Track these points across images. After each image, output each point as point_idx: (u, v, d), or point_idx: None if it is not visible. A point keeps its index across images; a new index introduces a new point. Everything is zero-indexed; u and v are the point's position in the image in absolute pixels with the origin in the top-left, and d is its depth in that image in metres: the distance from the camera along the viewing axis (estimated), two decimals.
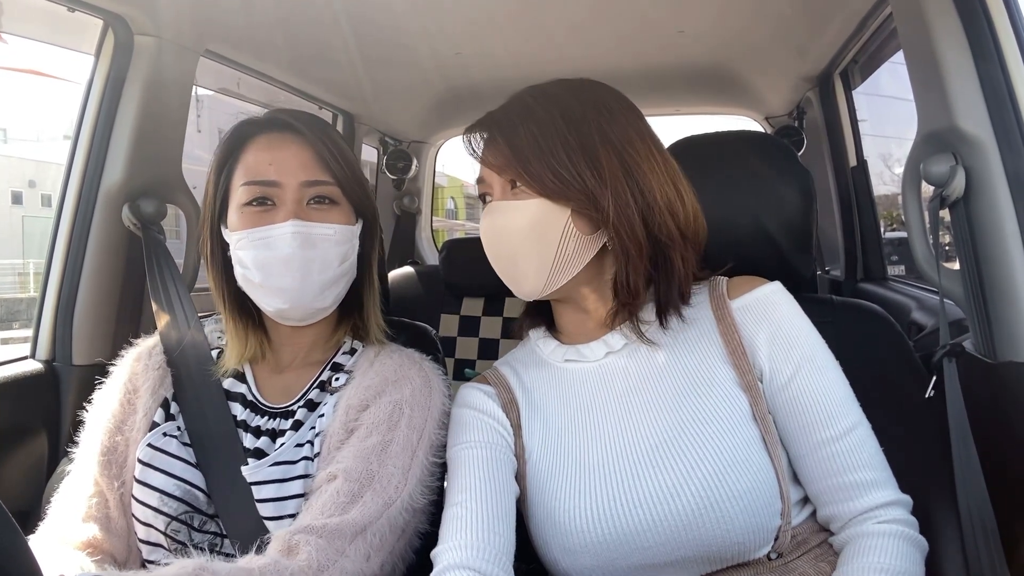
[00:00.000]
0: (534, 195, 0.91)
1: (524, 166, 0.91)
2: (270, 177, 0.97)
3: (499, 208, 0.94)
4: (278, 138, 1.00)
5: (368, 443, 0.93)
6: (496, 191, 0.96)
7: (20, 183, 19.44)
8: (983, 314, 1.01)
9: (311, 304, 0.99)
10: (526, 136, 0.92)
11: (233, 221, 0.99)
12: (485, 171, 0.97)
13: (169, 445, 0.99)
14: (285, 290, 0.96)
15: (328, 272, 0.98)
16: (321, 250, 0.97)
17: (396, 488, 0.92)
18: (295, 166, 0.98)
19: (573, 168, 0.90)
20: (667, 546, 0.84)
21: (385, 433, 0.94)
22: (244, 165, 0.99)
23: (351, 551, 0.86)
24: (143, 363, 1.07)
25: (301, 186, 0.98)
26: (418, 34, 1.71)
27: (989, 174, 0.99)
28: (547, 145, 0.91)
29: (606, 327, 0.98)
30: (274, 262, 0.96)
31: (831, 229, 2.36)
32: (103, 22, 1.37)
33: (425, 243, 3.05)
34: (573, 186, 0.90)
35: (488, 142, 0.96)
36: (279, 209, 0.97)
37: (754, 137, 1.34)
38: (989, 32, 1.00)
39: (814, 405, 0.89)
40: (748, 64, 2.12)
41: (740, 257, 1.02)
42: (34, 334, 1.43)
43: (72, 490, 1.00)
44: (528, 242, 0.92)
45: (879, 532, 0.84)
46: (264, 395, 1.04)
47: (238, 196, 0.98)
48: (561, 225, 0.91)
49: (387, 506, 0.90)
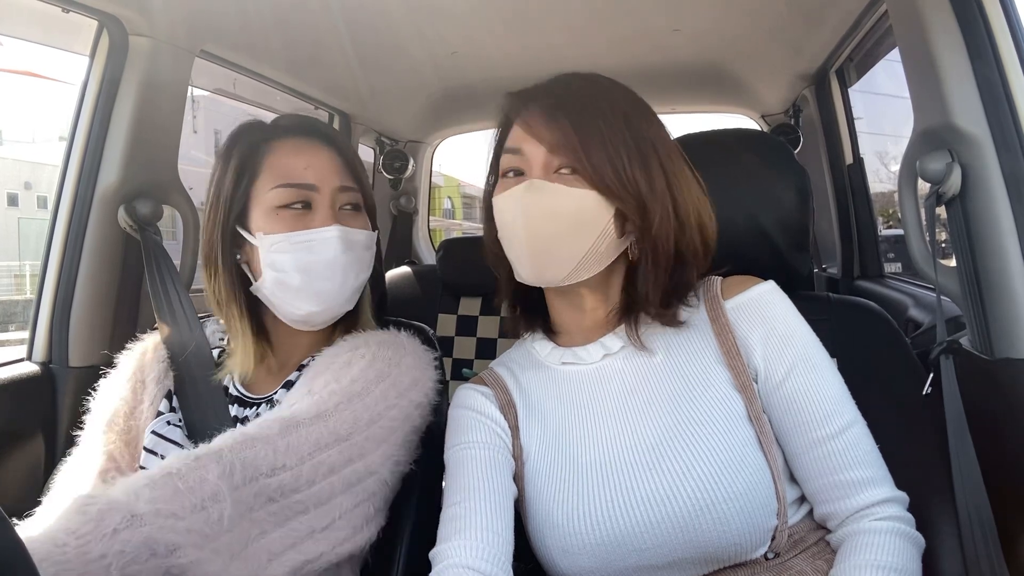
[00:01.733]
0: (586, 186, 0.90)
1: (588, 155, 0.89)
2: (308, 180, 0.98)
3: (546, 188, 0.90)
4: (310, 143, 1.01)
5: (344, 382, 0.93)
6: (537, 169, 0.91)
7: (16, 185, 19.40)
8: (980, 311, 1.01)
9: (340, 307, 1.01)
10: (592, 125, 0.90)
11: (263, 224, 0.98)
12: (530, 145, 0.92)
13: (173, 433, 1.00)
14: (323, 293, 0.98)
15: (361, 276, 1.03)
16: (358, 254, 1.01)
17: (364, 435, 0.90)
18: (329, 171, 1.00)
19: (630, 170, 0.90)
20: (664, 547, 0.84)
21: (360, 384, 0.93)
22: (274, 168, 0.99)
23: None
24: (149, 356, 1.09)
25: (336, 191, 1.00)
26: (414, 34, 1.71)
27: (985, 171, 0.99)
28: (611, 140, 0.90)
29: (602, 329, 0.98)
30: (318, 265, 0.97)
31: (827, 227, 2.37)
32: (98, 23, 1.37)
33: (422, 243, 3.05)
34: (627, 189, 0.89)
35: (548, 118, 0.92)
36: (316, 213, 0.98)
37: (750, 135, 1.34)
38: (984, 29, 1.00)
39: (809, 404, 0.89)
40: (744, 62, 2.12)
41: (737, 255, 1.02)
42: (30, 336, 1.42)
43: (82, 468, 1.01)
44: (570, 229, 0.90)
45: (876, 529, 0.84)
46: (249, 389, 1.05)
47: (269, 198, 0.98)
48: (603, 222, 0.90)
49: (344, 439, 0.88)
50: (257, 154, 1.00)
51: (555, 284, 0.93)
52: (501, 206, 0.94)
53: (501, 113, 0.99)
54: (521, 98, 0.96)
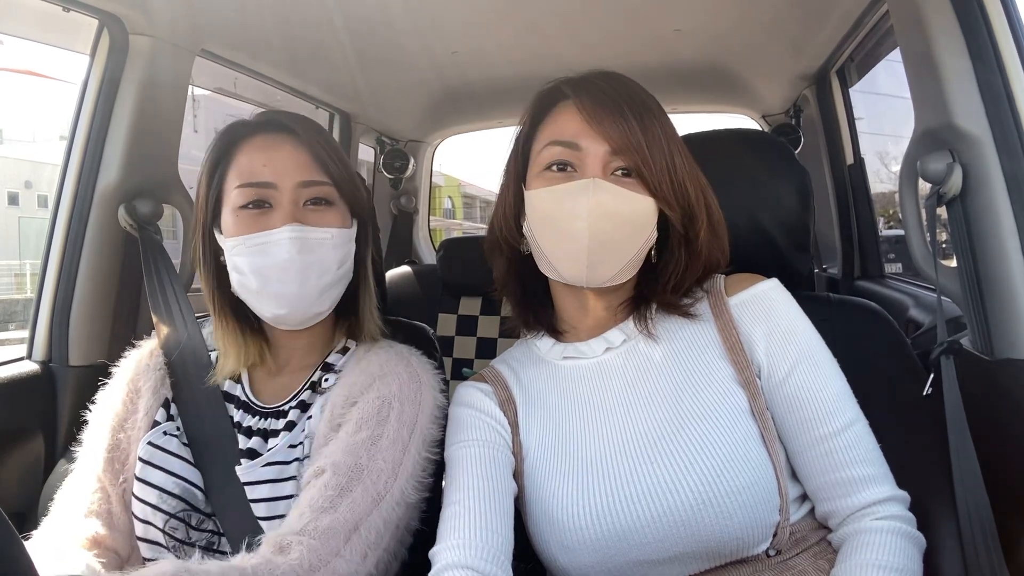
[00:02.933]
0: (643, 191, 0.90)
1: (654, 161, 0.88)
2: (265, 178, 0.95)
3: (610, 189, 0.88)
4: (273, 139, 0.98)
5: (357, 438, 0.93)
6: (595, 167, 0.89)
7: (16, 184, 19.39)
8: (980, 311, 1.01)
9: (309, 309, 0.98)
10: (653, 130, 0.89)
11: (228, 226, 0.97)
12: (590, 141, 0.89)
13: (170, 444, 0.99)
14: (283, 296, 0.95)
15: (326, 276, 0.97)
16: (319, 254, 0.95)
17: (386, 483, 0.91)
18: (291, 167, 0.96)
19: (682, 180, 0.90)
20: (665, 542, 0.84)
21: (375, 428, 0.93)
22: (238, 167, 0.97)
23: (347, 551, 0.86)
24: (145, 364, 1.08)
25: (297, 187, 0.96)
26: (414, 34, 1.71)
27: (986, 171, 0.99)
28: (668, 147, 0.90)
29: (606, 324, 0.99)
30: (272, 268, 0.94)
31: (828, 227, 2.37)
32: (98, 22, 1.37)
33: (422, 243, 3.05)
34: (678, 199, 0.90)
35: (615, 114, 0.89)
36: (275, 212, 0.95)
37: (751, 135, 1.34)
38: (986, 29, 1.00)
39: (811, 401, 0.89)
40: (745, 62, 2.12)
41: (737, 255, 1.02)
42: (30, 335, 1.43)
43: (76, 487, 1.01)
44: (625, 233, 0.90)
45: (877, 529, 0.84)
46: (259, 396, 1.04)
47: (232, 199, 0.96)
48: (651, 228, 0.91)
49: (377, 501, 0.90)
50: (228, 154, 0.99)
51: (598, 285, 0.93)
52: (552, 201, 0.90)
53: (535, 100, 0.97)
54: (574, 88, 0.93)
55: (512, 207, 0.98)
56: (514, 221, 0.98)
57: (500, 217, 1.00)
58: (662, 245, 0.96)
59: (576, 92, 0.92)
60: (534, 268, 0.98)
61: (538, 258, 0.96)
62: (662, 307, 0.97)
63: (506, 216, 0.99)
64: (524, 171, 0.97)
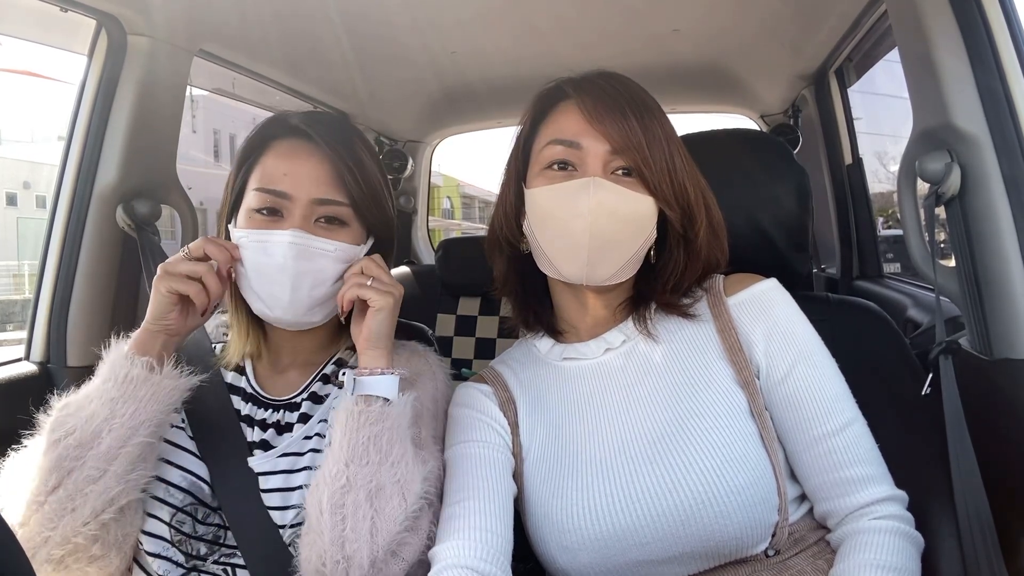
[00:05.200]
0: (643, 191, 0.90)
1: (654, 161, 0.89)
2: (282, 188, 0.95)
3: (612, 189, 0.88)
4: (300, 147, 0.98)
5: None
6: (595, 166, 0.89)
7: (14, 184, 19.38)
8: (979, 311, 1.01)
9: (298, 318, 0.97)
10: (653, 131, 0.89)
11: (241, 221, 0.98)
12: (591, 140, 0.90)
13: (177, 436, 0.99)
14: (274, 298, 0.95)
15: (321, 289, 0.96)
16: (317, 265, 0.95)
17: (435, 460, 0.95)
18: (309, 181, 0.96)
19: (682, 180, 0.90)
20: (665, 542, 0.84)
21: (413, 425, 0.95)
22: (262, 168, 0.98)
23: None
24: None
25: (312, 203, 0.96)
26: (413, 33, 1.71)
27: (984, 171, 0.99)
28: (668, 148, 0.90)
29: (605, 325, 0.99)
30: (268, 268, 0.94)
31: (827, 227, 2.37)
32: (96, 22, 1.36)
33: (421, 243, 3.05)
34: (678, 199, 0.90)
35: (616, 113, 0.89)
36: (286, 221, 0.95)
37: (750, 135, 1.34)
38: (984, 29, 1.00)
39: (810, 401, 0.90)
40: (743, 62, 2.12)
41: (736, 255, 1.02)
42: (28, 336, 1.42)
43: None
44: (626, 233, 0.90)
45: (875, 528, 0.84)
46: (266, 390, 1.04)
47: (249, 199, 0.97)
48: (651, 227, 0.92)
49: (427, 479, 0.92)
50: (259, 151, 0.99)
51: (597, 283, 0.93)
52: (553, 200, 0.91)
53: (536, 99, 0.97)
54: (575, 87, 0.93)
55: (513, 206, 0.98)
56: (514, 220, 0.98)
57: (500, 216, 1.00)
58: (661, 245, 0.96)
59: (578, 91, 0.92)
60: (534, 267, 0.98)
61: (538, 256, 0.96)
62: (661, 307, 0.97)
63: (507, 215, 0.99)
64: (525, 170, 0.97)
